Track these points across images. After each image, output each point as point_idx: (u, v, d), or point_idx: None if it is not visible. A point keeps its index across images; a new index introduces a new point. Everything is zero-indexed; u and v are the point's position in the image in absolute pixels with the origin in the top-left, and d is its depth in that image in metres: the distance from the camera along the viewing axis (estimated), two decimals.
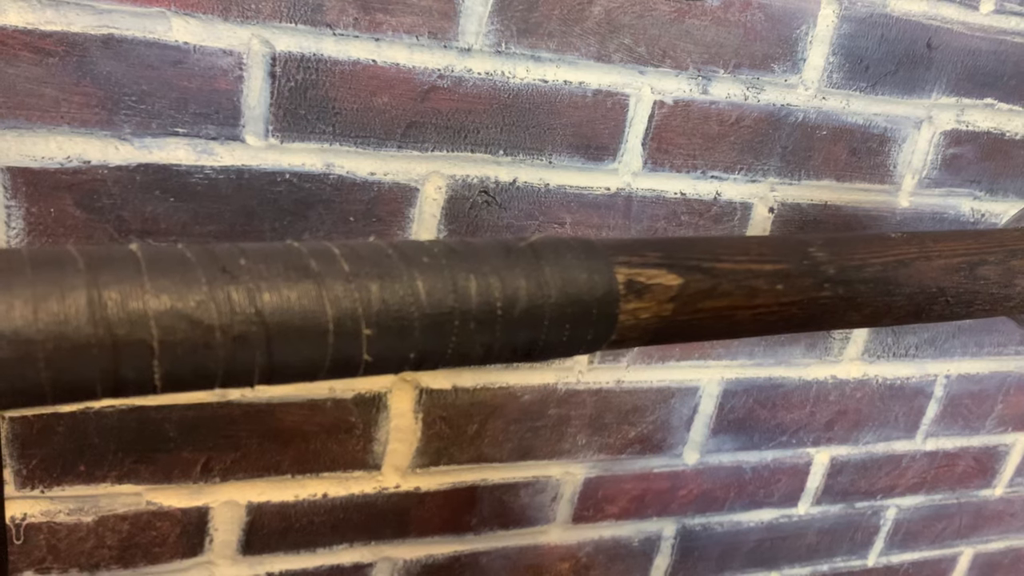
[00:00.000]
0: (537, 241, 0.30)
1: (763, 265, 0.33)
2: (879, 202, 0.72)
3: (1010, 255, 0.39)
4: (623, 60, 0.59)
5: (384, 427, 0.64)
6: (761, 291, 0.33)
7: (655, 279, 0.31)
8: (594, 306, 0.30)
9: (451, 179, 0.58)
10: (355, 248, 0.26)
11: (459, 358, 0.28)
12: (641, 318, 0.31)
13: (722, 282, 0.32)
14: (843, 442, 0.82)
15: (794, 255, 0.34)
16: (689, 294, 0.32)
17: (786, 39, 0.63)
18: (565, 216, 0.62)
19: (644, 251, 0.32)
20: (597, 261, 0.30)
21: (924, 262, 0.37)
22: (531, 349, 0.29)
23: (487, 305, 0.27)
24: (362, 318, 0.25)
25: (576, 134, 0.60)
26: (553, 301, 0.29)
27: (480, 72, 0.56)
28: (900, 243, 0.36)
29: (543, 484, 0.71)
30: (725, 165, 0.65)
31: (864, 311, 0.35)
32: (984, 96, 0.71)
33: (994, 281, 0.38)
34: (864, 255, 0.35)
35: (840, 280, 0.34)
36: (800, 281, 0.33)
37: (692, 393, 0.73)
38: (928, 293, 0.37)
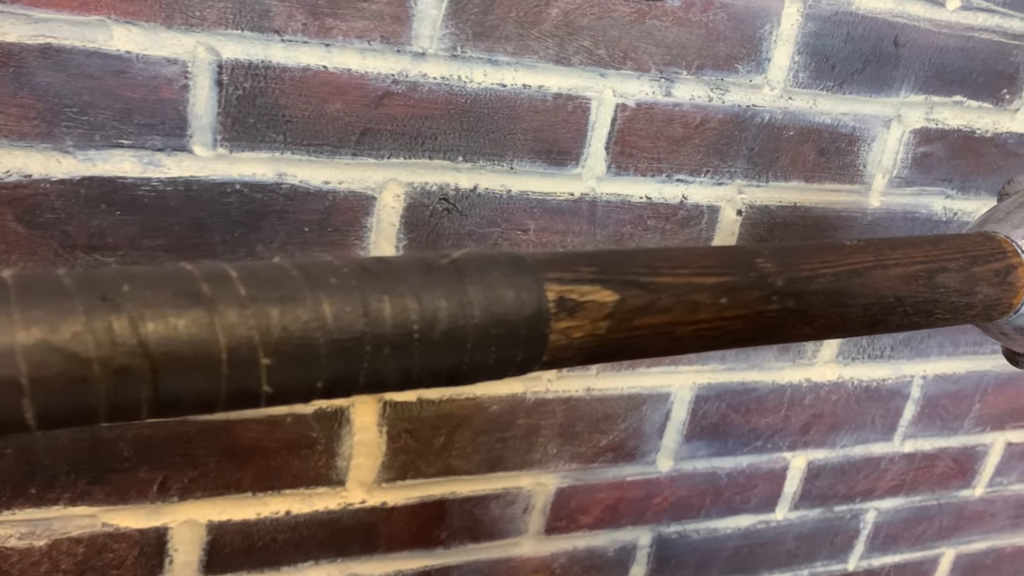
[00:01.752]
0: (460, 257, 0.28)
1: (705, 278, 0.32)
2: (849, 203, 0.71)
3: (971, 262, 0.38)
4: (583, 63, 0.58)
5: (347, 442, 0.63)
6: (703, 306, 0.31)
7: (589, 296, 0.30)
8: (522, 326, 0.28)
9: (409, 187, 0.57)
10: (254, 270, 0.25)
11: (374, 385, 0.27)
12: (574, 337, 0.30)
13: (661, 297, 0.31)
14: (820, 446, 0.81)
15: (740, 267, 0.32)
16: (626, 311, 0.30)
17: (750, 39, 0.62)
18: (528, 223, 0.61)
19: (577, 266, 0.30)
20: (526, 278, 0.29)
21: (880, 271, 0.35)
22: (454, 373, 0.28)
23: (402, 328, 0.26)
24: (259, 347, 0.24)
25: (537, 139, 0.59)
26: (477, 322, 0.27)
27: (436, 77, 0.55)
28: (855, 251, 0.35)
29: (514, 496, 0.70)
30: (691, 168, 0.64)
31: (816, 324, 0.34)
32: (953, 93, 0.71)
33: (954, 289, 0.37)
34: (816, 265, 0.34)
35: (789, 292, 0.33)
36: (746, 294, 0.32)
37: (664, 399, 0.72)
38: (885, 303, 0.35)
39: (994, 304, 0.39)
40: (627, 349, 0.31)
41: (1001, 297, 0.39)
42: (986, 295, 0.38)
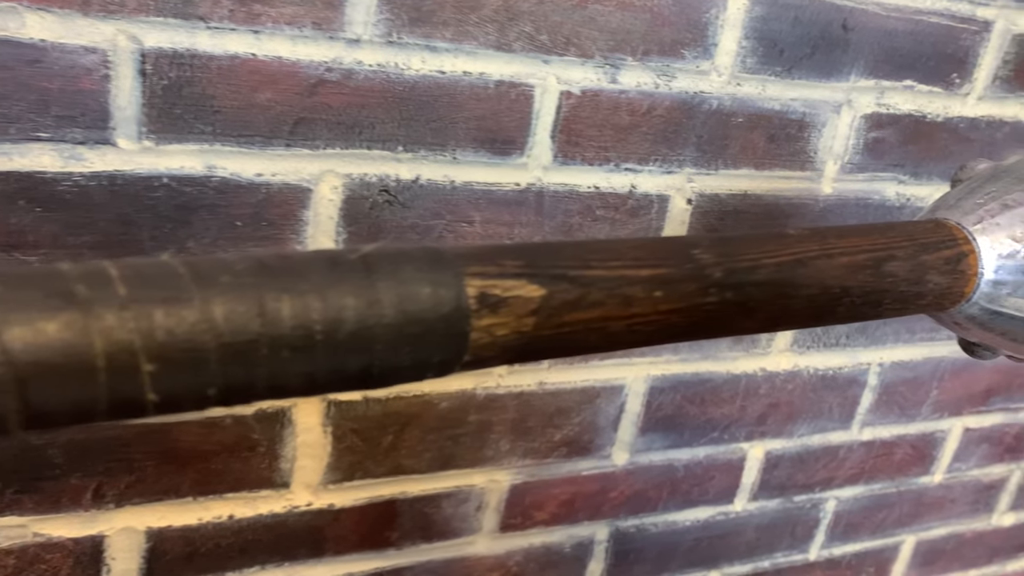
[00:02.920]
0: (371, 252, 0.27)
1: (639, 271, 0.30)
2: (801, 189, 0.70)
3: (921, 250, 0.37)
4: (525, 49, 0.56)
5: (290, 443, 0.61)
6: (637, 299, 0.30)
7: (513, 291, 0.28)
8: (439, 324, 0.27)
9: (347, 178, 0.55)
10: (137, 269, 0.23)
11: (275, 390, 0.25)
12: (498, 335, 0.28)
13: (592, 291, 0.29)
14: (777, 436, 0.80)
15: (676, 258, 0.31)
16: (554, 306, 0.29)
17: (695, 23, 0.60)
18: (474, 214, 0.59)
19: (502, 259, 0.29)
20: (443, 273, 0.27)
21: (825, 260, 0.34)
22: (365, 376, 0.26)
23: (303, 329, 0.24)
24: (141, 352, 0.22)
25: (480, 127, 0.57)
26: (388, 321, 0.26)
27: (371, 64, 0.53)
28: (799, 241, 0.34)
29: (466, 494, 0.69)
30: (639, 157, 0.63)
31: (758, 316, 0.33)
32: (903, 78, 0.70)
33: (903, 278, 0.36)
34: (756, 255, 0.33)
35: (728, 284, 0.32)
36: (682, 287, 0.31)
37: (618, 392, 0.71)
38: (830, 294, 0.34)
39: (945, 293, 0.38)
40: (557, 346, 0.29)
41: (952, 286, 0.38)
42: (937, 284, 0.37)
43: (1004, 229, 0.39)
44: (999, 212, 0.39)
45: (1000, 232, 0.39)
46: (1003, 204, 0.39)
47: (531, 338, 0.29)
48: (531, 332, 0.29)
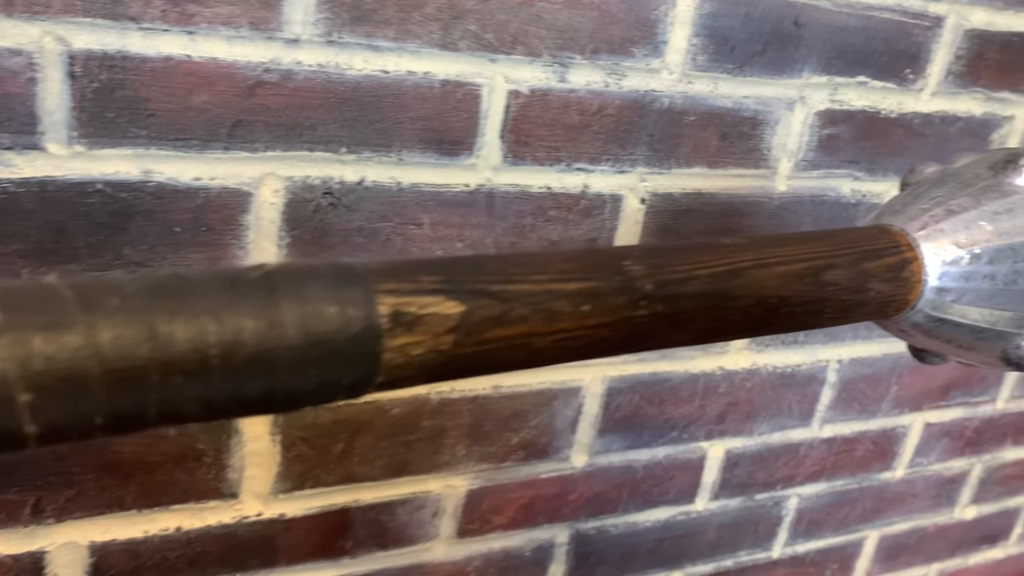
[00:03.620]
0: (275, 270, 0.26)
1: (566, 284, 0.29)
2: (755, 187, 0.69)
3: (863, 257, 0.36)
4: (471, 48, 0.55)
5: (238, 453, 0.59)
6: (563, 314, 0.29)
7: (429, 308, 0.27)
8: (348, 345, 0.26)
9: (289, 181, 0.54)
10: (17, 292, 0.22)
11: (169, 418, 0.24)
12: (413, 355, 0.27)
13: (515, 307, 0.28)
14: (737, 434, 0.80)
15: (605, 271, 0.30)
16: (474, 323, 0.28)
17: (645, 21, 0.60)
18: (422, 216, 0.58)
19: (418, 276, 0.27)
20: (353, 290, 0.26)
21: (761, 270, 0.33)
22: (268, 401, 0.25)
23: (197, 353, 0.23)
24: (17, 381, 0.21)
25: (426, 128, 0.56)
26: (291, 343, 0.25)
27: (311, 64, 0.52)
28: (734, 250, 0.33)
29: (422, 500, 0.68)
30: (591, 156, 0.62)
31: (691, 329, 0.32)
32: (857, 74, 0.70)
33: (844, 287, 0.35)
34: (689, 266, 0.32)
35: (660, 296, 0.31)
36: (611, 300, 0.30)
37: (575, 394, 0.70)
38: (767, 304, 0.33)
39: (888, 301, 0.37)
40: (478, 364, 0.28)
41: (896, 293, 0.37)
42: (879, 292, 0.36)
43: (948, 235, 0.38)
44: (943, 218, 0.38)
45: (944, 238, 0.38)
46: (948, 210, 0.38)
47: (450, 356, 0.28)
48: (450, 350, 0.28)
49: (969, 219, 0.38)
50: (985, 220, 0.37)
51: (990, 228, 0.37)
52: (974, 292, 0.37)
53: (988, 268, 0.37)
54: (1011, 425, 1.00)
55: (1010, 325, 0.38)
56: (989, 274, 0.37)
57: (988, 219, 0.37)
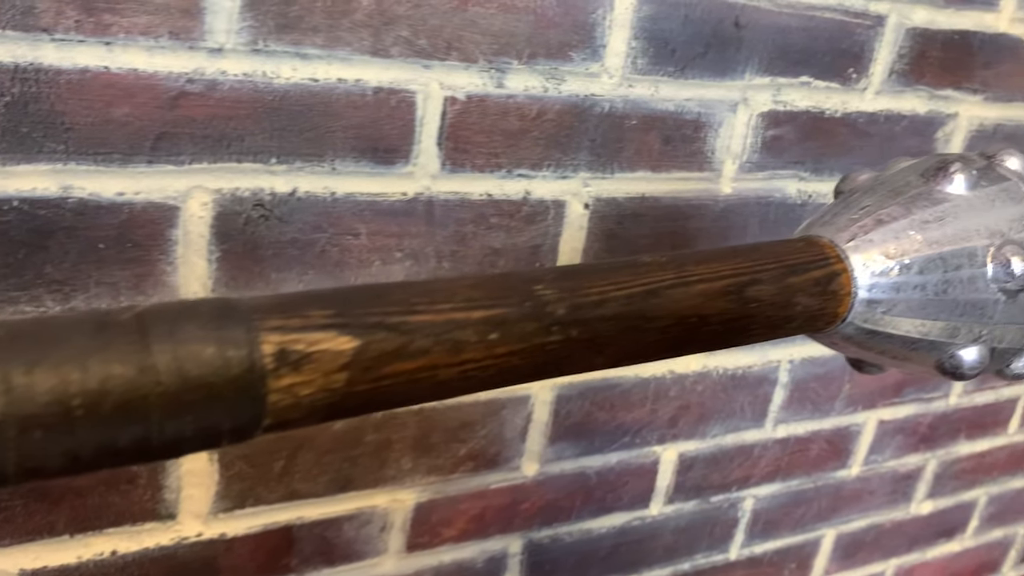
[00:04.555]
0: (147, 311, 0.24)
1: (471, 312, 0.28)
2: (700, 190, 0.69)
3: (788, 272, 0.35)
4: (403, 54, 0.54)
5: (174, 473, 0.58)
6: (469, 344, 0.28)
7: (319, 345, 0.26)
8: (228, 388, 0.24)
9: (218, 193, 0.52)
10: None
11: (31, 473, 0.23)
12: (302, 395, 0.26)
13: (415, 339, 0.27)
14: (690, 437, 0.80)
15: (515, 296, 0.29)
16: (369, 358, 0.26)
17: (582, 24, 0.59)
18: (359, 227, 0.57)
19: (308, 310, 0.26)
20: (233, 329, 0.25)
21: (681, 289, 0.32)
22: (143, 450, 0.24)
23: (59, 405, 0.22)
24: None
25: (360, 136, 0.55)
26: (164, 389, 0.23)
27: (237, 73, 0.50)
28: (652, 270, 0.32)
29: (369, 515, 0.66)
30: (532, 162, 0.61)
31: (608, 352, 0.31)
32: (799, 74, 0.69)
33: (769, 303, 0.34)
34: (605, 288, 0.31)
35: (573, 321, 0.30)
36: (521, 327, 0.29)
37: (524, 402, 0.69)
38: (687, 324, 0.32)
39: (817, 315, 0.36)
40: (377, 401, 0.27)
41: (824, 307, 0.36)
42: (807, 306, 0.36)
43: (877, 246, 0.37)
44: (873, 228, 0.38)
45: (873, 249, 0.37)
46: (877, 219, 0.38)
47: (345, 395, 0.26)
48: (343, 389, 0.26)
49: (899, 228, 0.37)
50: (915, 229, 0.37)
51: (920, 237, 0.37)
52: (905, 303, 0.37)
53: (918, 278, 0.37)
54: (964, 420, 1.00)
55: (943, 335, 0.37)
56: (919, 284, 0.37)
57: (918, 228, 0.37)
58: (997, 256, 0.37)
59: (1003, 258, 0.36)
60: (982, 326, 0.37)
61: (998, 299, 0.37)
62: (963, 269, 0.37)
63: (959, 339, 0.38)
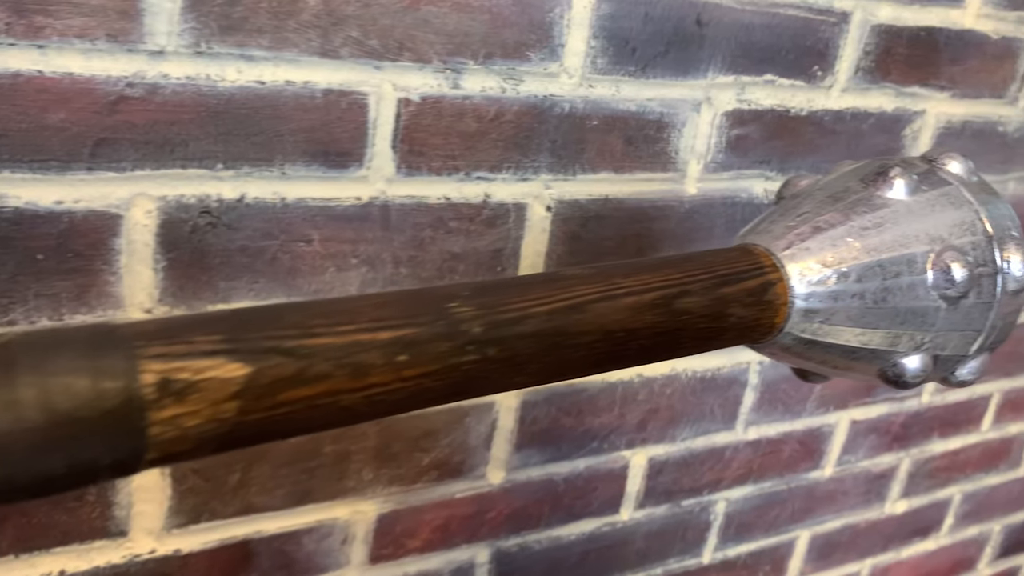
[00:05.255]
0: (15, 340, 0.23)
1: (377, 334, 0.26)
2: (664, 191, 0.68)
3: (720, 282, 0.34)
4: (353, 55, 0.53)
5: (124, 489, 0.56)
6: (375, 367, 0.26)
7: (207, 372, 0.24)
8: (103, 422, 0.23)
9: (162, 201, 0.51)
10: None
11: None
12: (188, 427, 0.24)
13: (315, 363, 0.25)
14: (659, 441, 0.78)
15: (426, 315, 0.27)
16: (262, 385, 0.25)
17: (539, 23, 0.58)
18: (312, 233, 0.56)
19: (194, 335, 0.24)
20: (110, 358, 0.23)
21: (607, 303, 0.31)
22: (9, 491, 0.22)
23: None
24: None
25: (310, 140, 0.53)
26: (31, 425, 0.22)
27: (179, 77, 0.49)
28: (576, 283, 0.31)
29: (329, 528, 0.65)
30: (491, 164, 0.60)
31: (530, 371, 0.29)
32: (763, 72, 0.68)
33: (700, 315, 0.33)
34: (525, 304, 0.29)
35: (490, 339, 0.28)
36: (432, 347, 0.27)
37: (488, 409, 0.68)
38: (614, 339, 0.31)
39: (752, 326, 0.35)
40: (275, 430, 0.26)
41: (759, 318, 0.35)
42: (741, 317, 0.34)
43: (814, 254, 0.36)
44: (810, 235, 0.36)
45: (810, 257, 0.36)
46: (814, 226, 0.36)
47: (237, 425, 0.25)
48: (234, 418, 0.25)
49: (837, 235, 0.36)
50: (853, 236, 0.36)
51: (858, 244, 0.36)
52: (844, 312, 0.36)
53: (857, 286, 0.35)
54: (937, 418, 1.00)
55: (884, 343, 0.36)
56: (858, 292, 0.35)
57: (856, 235, 0.36)
58: (937, 262, 0.36)
59: (943, 264, 0.35)
60: (924, 334, 0.36)
61: (939, 306, 0.36)
62: (903, 276, 0.35)
63: (901, 347, 0.37)
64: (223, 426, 0.25)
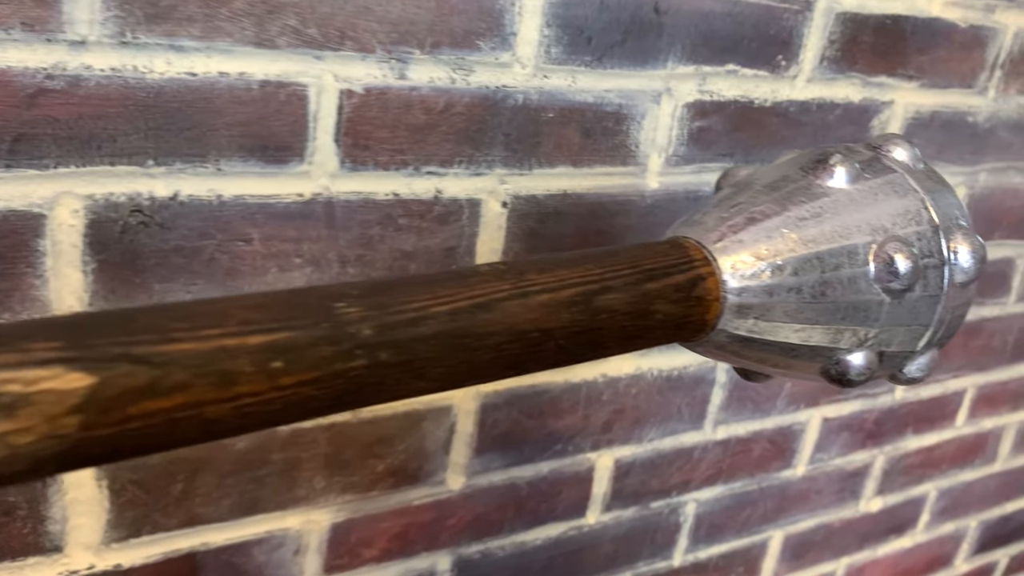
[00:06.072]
0: None
1: (247, 338, 0.24)
2: (625, 185, 0.66)
3: (645, 277, 0.31)
4: (291, 45, 0.50)
5: (58, 503, 0.53)
6: (244, 375, 0.24)
7: (40, 384, 0.22)
8: None
9: (89, 200, 0.48)
10: None
11: None
12: (20, 445, 0.22)
13: (171, 372, 0.23)
14: (626, 442, 0.76)
15: (307, 317, 0.25)
16: (109, 397, 0.22)
17: (489, 11, 0.55)
18: (251, 231, 0.53)
19: (28, 342, 0.22)
20: None
21: (518, 301, 0.29)
22: None
23: None
24: None
25: (247, 134, 0.51)
26: None
27: (103, 68, 0.46)
28: (485, 280, 0.28)
29: (280, 538, 0.62)
30: (441, 159, 0.58)
31: (432, 376, 0.27)
32: (725, 62, 0.66)
33: (623, 312, 0.31)
34: (424, 303, 0.27)
35: (381, 343, 0.26)
36: (313, 352, 0.25)
37: (446, 413, 0.66)
38: (528, 340, 0.29)
39: (681, 324, 0.33)
40: (129, 446, 0.23)
41: (689, 315, 0.33)
42: (668, 315, 0.32)
43: (747, 246, 0.34)
44: (743, 227, 0.34)
45: (743, 250, 0.34)
46: (749, 217, 0.34)
47: (79, 442, 0.22)
48: (76, 435, 0.22)
49: (772, 227, 0.34)
50: (789, 227, 0.33)
51: (795, 236, 0.33)
52: (781, 307, 0.33)
53: (793, 280, 0.33)
54: (911, 414, 0.99)
55: (825, 340, 0.34)
56: (794, 287, 0.33)
57: (793, 226, 0.33)
58: (879, 254, 0.33)
59: (885, 256, 0.33)
60: (867, 329, 0.34)
61: (882, 300, 0.34)
62: (843, 269, 0.33)
63: (843, 344, 0.34)
64: (63, 443, 0.22)
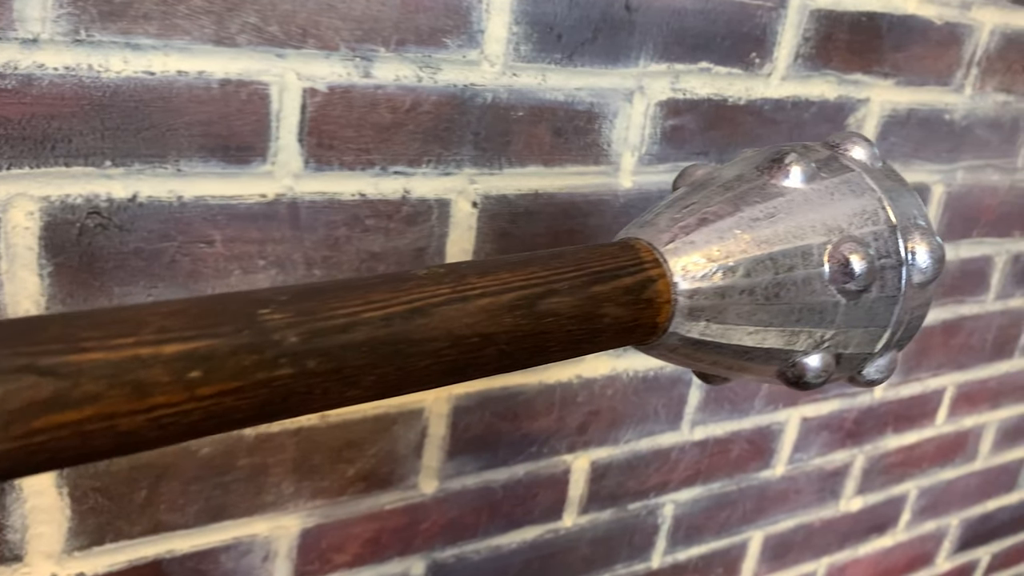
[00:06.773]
0: None
1: (162, 347, 0.23)
2: (598, 185, 0.65)
3: (591, 280, 0.30)
4: (252, 42, 0.49)
5: (17, 511, 0.52)
6: (160, 385, 0.23)
7: None
8: None
9: (45, 201, 0.47)
10: None
11: None
12: None
13: (80, 383, 0.22)
14: (602, 444, 0.76)
15: (227, 324, 0.24)
16: (12, 411, 0.21)
17: (456, 8, 0.54)
18: (213, 233, 0.52)
19: None
20: None
21: (458, 305, 0.28)
22: None
23: None
24: None
25: (207, 134, 0.50)
26: None
27: (57, 67, 0.45)
28: (422, 284, 0.27)
29: (248, 545, 0.61)
30: (409, 158, 0.57)
31: (364, 384, 0.26)
32: (698, 60, 0.66)
33: (569, 316, 0.30)
34: (356, 308, 0.26)
35: (309, 351, 0.25)
36: (234, 361, 0.24)
37: (417, 416, 0.65)
38: (467, 345, 0.28)
39: (630, 328, 0.32)
40: (36, 461, 0.22)
41: (638, 318, 0.32)
42: (616, 318, 0.31)
43: (699, 248, 0.33)
44: (695, 228, 0.33)
45: (694, 252, 0.33)
46: (701, 218, 0.33)
47: None
48: None
49: (724, 227, 0.33)
50: (742, 228, 0.33)
51: (748, 237, 0.33)
52: (733, 310, 0.33)
53: (745, 282, 0.32)
54: (891, 413, 0.98)
55: (779, 343, 0.33)
56: (747, 288, 0.32)
57: (746, 227, 0.33)
58: (834, 255, 0.33)
59: (840, 256, 0.33)
60: (823, 331, 0.34)
61: (838, 301, 0.33)
62: (796, 270, 0.33)
63: (799, 346, 0.34)
64: None
